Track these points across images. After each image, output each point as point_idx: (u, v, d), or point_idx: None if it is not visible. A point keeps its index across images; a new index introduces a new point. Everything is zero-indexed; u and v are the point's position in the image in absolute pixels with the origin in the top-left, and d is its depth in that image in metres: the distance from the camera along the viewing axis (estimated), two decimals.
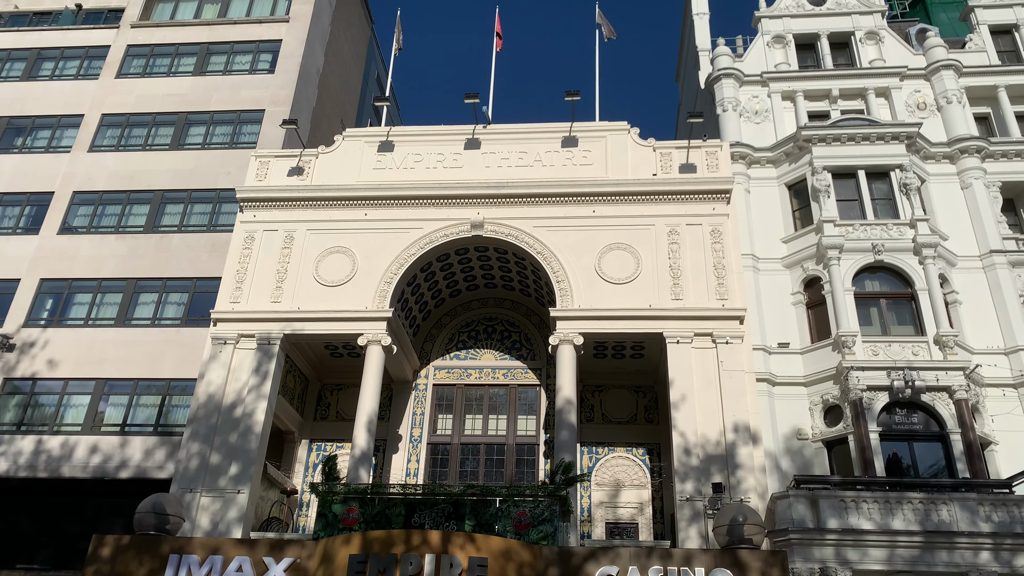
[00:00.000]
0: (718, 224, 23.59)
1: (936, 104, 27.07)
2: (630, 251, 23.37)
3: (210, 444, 21.36)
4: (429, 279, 25.50)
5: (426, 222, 24.37)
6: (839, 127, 25.34)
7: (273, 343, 22.70)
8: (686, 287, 22.65)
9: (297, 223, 24.83)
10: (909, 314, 22.66)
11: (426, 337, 26.91)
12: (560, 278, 23.06)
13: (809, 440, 21.90)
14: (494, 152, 25.66)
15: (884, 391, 21.23)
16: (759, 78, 28.26)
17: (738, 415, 20.53)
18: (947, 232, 24.20)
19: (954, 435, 20.60)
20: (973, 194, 24.92)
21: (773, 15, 29.95)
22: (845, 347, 21.80)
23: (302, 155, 26.14)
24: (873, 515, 18.37)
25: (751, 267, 24.18)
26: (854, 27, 29.26)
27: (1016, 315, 22.84)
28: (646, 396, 25.07)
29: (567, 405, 21.29)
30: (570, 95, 25.16)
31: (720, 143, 25.34)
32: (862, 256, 23.22)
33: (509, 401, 25.42)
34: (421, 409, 25.47)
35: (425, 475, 24.28)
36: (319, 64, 33.07)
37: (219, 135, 29.57)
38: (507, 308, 27.21)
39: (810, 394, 22.32)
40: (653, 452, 24.07)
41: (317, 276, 23.85)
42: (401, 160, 25.81)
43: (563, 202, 24.29)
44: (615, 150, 25.23)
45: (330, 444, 25.24)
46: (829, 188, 24.43)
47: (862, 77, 27.78)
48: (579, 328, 22.27)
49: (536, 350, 26.23)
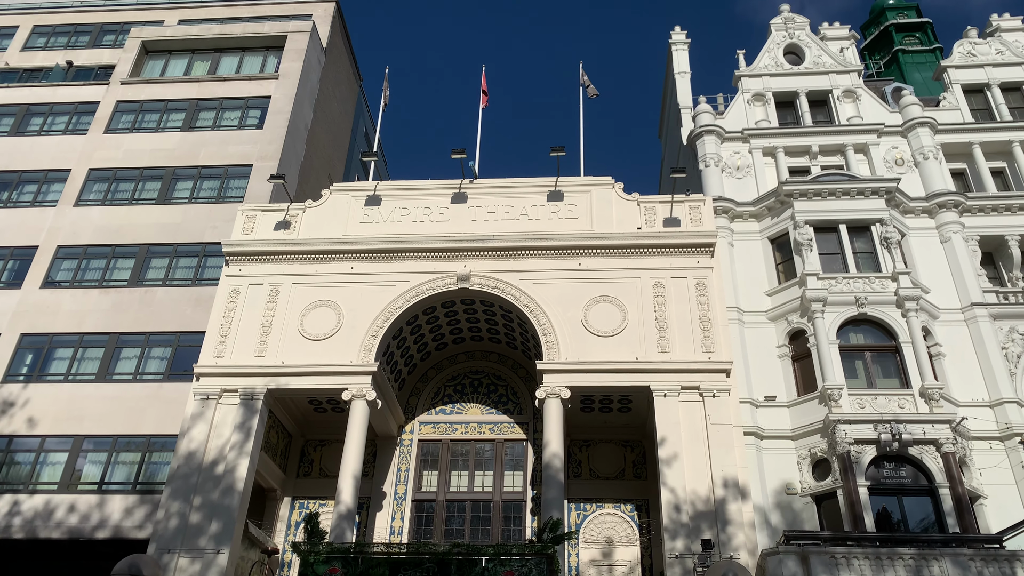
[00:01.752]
0: (703, 277, 23.76)
1: (913, 160, 27.66)
2: (616, 304, 23.44)
3: (190, 502, 20.88)
4: (415, 332, 25.40)
5: (413, 275, 24.40)
6: (819, 182, 25.79)
7: (256, 398, 22.42)
8: (672, 340, 22.69)
9: (283, 276, 24.78)
10: (894, 367, 22.74)
11: (411, 391, 26.67)
12: (547, 331, 23.05)
13: (798, 495, 21.71)
14: (481, 206, 25.89)
15: (871, 444, 21.15)
16: (740, 134, 28.83)
17: (727, 470, 20.36)
18: (928, 285, 24.47)
19: (943, 489, 20.48)
20: (952, 248, 25.30)
21: (752, 74, 30.72)
22: (831, 400, 21.79)
23: (289, 209, 26.24)
24: (864, 571, 18.11)
25: (736, 320, 24.28)
26: (832, 86, 30.03)
27: (999, 368, 22.97)
28: (634, 451, 24.85)
29: (554, 460, 21.05)
30: (555, 150, 25.54)
31: (703, 197, 25.70)
32: (846, 309, 23.38)
33: (496, 457, 25.11)
34: (406, 465, 25.09)
35: (410, 533, 23.79)
36: (307, 120, 33.47)
37: (206, 189, 29.69)
38: (493, 361, 27.09)
39: (798, 448, 22.20)
40: (642, 508, 23.74)
41: (302, 330, 23.71)
42: (388, 214, 25.96)
43: (549, 255, 24.43)
44: (600, 204, 25.51)
45: (313, 501, 24.74)
46: (811, 242, 24.73)
47: (841, 134, 28.41)
48: (566, 381, 22.17)
49: (523, 404, 26.04)
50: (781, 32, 32.01)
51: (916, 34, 40.20)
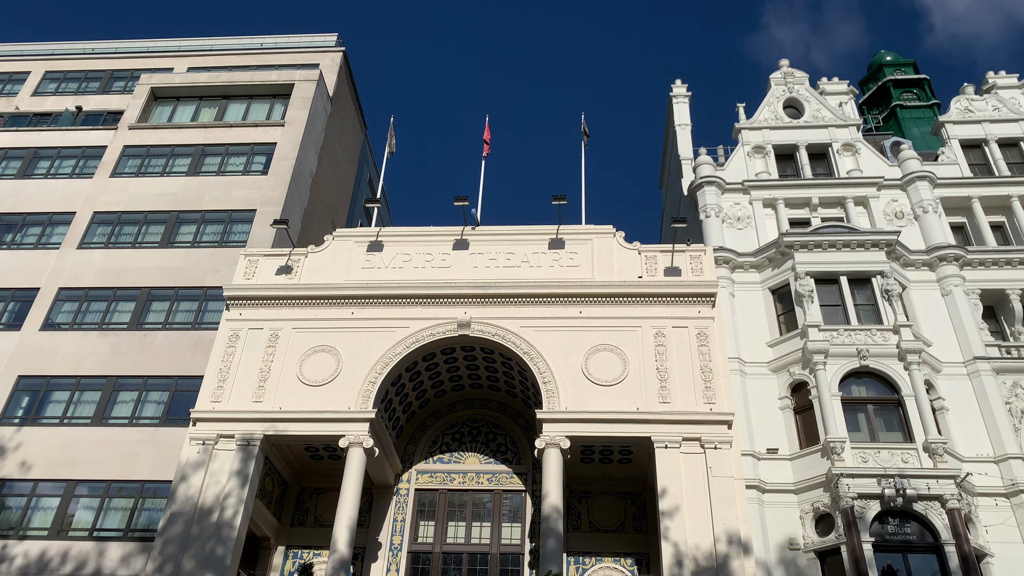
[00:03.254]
0: (704, 327, 23.68)
1: (913, 213, 27.82)
2: (617, 352, 23.33)
3: (183, 551, 20.48)
4: (414, 379, 25.24)
5: (413, 320, 24.34)
6: (820, 234, 25.90)
7: (253, 444, 22.16)
8: (673, 390, 22.51)
9: (283, 321, 24.73)
10: (897, 420, 22.52)
11: (409, 439, 26.39)
12: (547, 379, 22.89)
13: (801, 550, 21.30)
14: (482, 253, 25.96)
15: (875, 499, 20.82)
16: (740, 186, 29.06)
17: (729, 524, 20.01)
18: (930, 338, 24.38)
19: (949, 546, 20.09)
20: (954, 301, 25.28)
21: (753, 127, 31.10)
22: (834, 453, 21.52)
23: (291, 254, 26.32)
24: None
25: (738, 371, 24.13)
26: (831, 139, 30.37)
27: (1004, 422, 22.74)
28: (634, 503, 24.45)
29: (553, 513, 20.70)
30: (557, 199, 25.71)
31: (704, 247, 25.78)
32: (847, 361, 23.25)
33: (494, 507, 24.71)
34: (402, 515, 24.67)
35: None
36: (312, 167, 33.80)
37: (209, 234, 29.82)
38: (493, 409, 26.85)
39: (800, 502, 21.85)
40: (642, 563, 23.27)
41: (301, 375, 23.56)
42: (390, 260, 26.03)
43: (550, 302, 24.40)
44: (601, 252, 25.58)
45: (307, 551, 24.27)
46: (812, 293, 24.72)
47: (841, 187, 28.63)
48: (566, 431, 21.93)
49: (522, 454, 25.72)
50: (781, 86, 32.50)
51: (914, 90, 40.77)
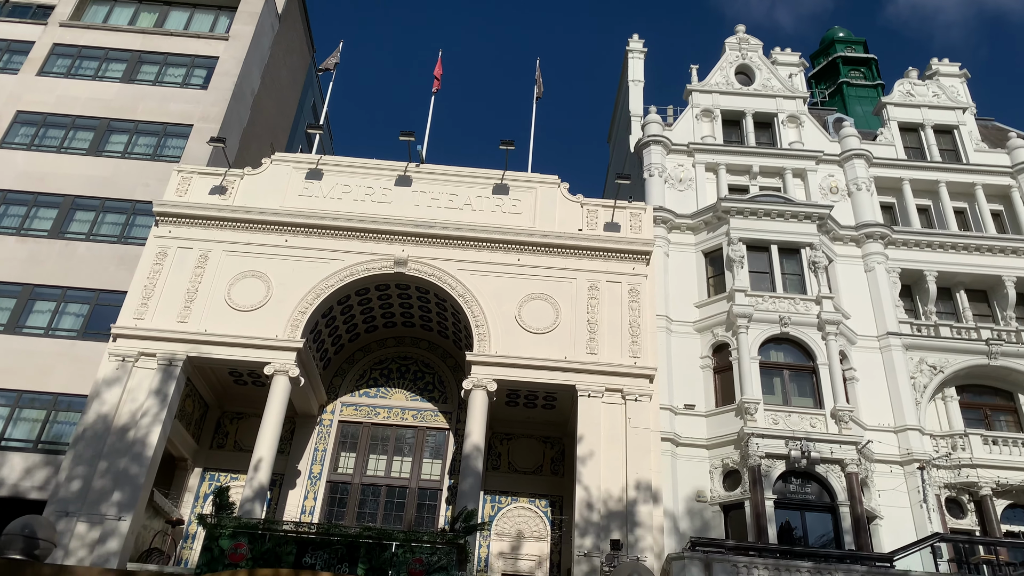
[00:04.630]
0: (636, 284, 24.12)
1: (847, 189, 28.64)
2: (551, 302, 23.60)
3: (95, 467, 20.16)
4: (346, 312, 25.08)
5: (348, 254, 24.07)
6: (757, 202, 26.47)
7: (175, 365, 21.78)
8: (601, 342, 22.97)
9: (214, 243, 24.13)
10: (809, 386, 23.55)
11: (336, 372, 26.33)
12: (480, 323, 23.05)
13: (708, 503, 22.29)
14: (424, 191, 25.69)
15: (781, 459, 21.87)
16: (686, 148, 29.36)
17: (641, 473, 20.76)
18: (849, 311, 25.41)
19: (844, 507, 21.33)
20: (875, 277, 26.32)
21: (704, 90, 31.30)
22: (748, 414, 22.44)
23: (227, 174, 25.56)
24: None
25: (664, 328, 24.74)
26: (778, 109, 30.83)
27: (907, 396, 24.03)
28: (554, 447, 25.10)
29: (475, 452, 21.09)
30: (505, 144, 25.53)
31: (644, 206, 26.08)
32: (769, 327, 24.08)
33: (416, 444, 25.02)
34: (324, 446, 24.77)
35: (322, 514, 23.51)
36: (255, 86, 32.61)
37: (142, 145, 28.66)
38: (423, 348, 26.96)
39: (711, 457, 22.81)
40: (556, 505, 24.01)
41: (229, 299, 23.14)
42: (329, 190, 25.53)
43: (489, 248, 24.42)
44: (544, 202, 25.62)
45: (224, 474, 24.22)
46: (743, 259, 25.38)
47: (782, 157, 29.20)
48: (494, 374, 22.22)
49: (449, 393, 26.00)
50: (735, 52, 32.69)
51: (861, 69, 41.60)
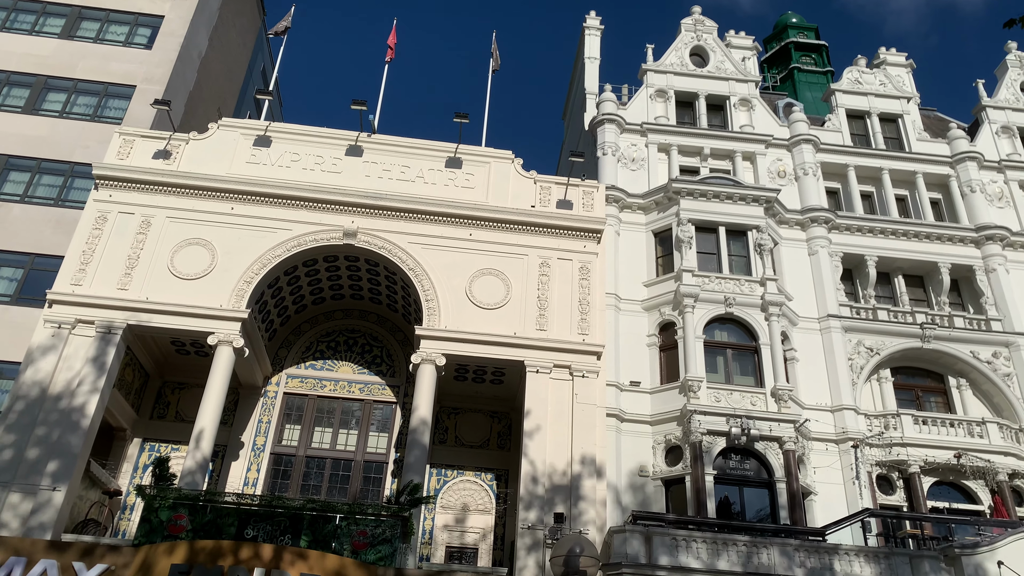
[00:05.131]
0: (587, 262, 24.28)
1: (794, 174, 29.19)
2: (501, 278, 23.61)
3: (28, 436, 19.56)
4: (293, 283, 24.70)
5: (296, 224, 23.66)
6: (707, 184, 26.81)
7: (115, 333, 21.20)
8: (551, 319, 23.11)
9: (157, 209, 23.46)
10: (751, 366, 24.11)
11: (282, 343, 25.97)
12: (430, 297, 22.95)
13: (650, 478, 22.74)
14: (376, 162, 25.34)
15: (722, 436, 22.40)
16: (639, 128, 29.52)
17: (586, 448, 21.05)
18: (792, 293, 26.01)
19: (780, 483, 21.99)
20: (818, 260, 26.97)
21: (659, 70, 31.43)
22: (691, 391, 22.89)
23: (171, 138, 24.81)
24: (701, 555, 19.18)
25: (613, 306, 24.99)
26: (730, 92, 31.17)
27: (844, 377, 24.78)
28: (501, 422, 25.26)
29: (421, 425, 21.10)
30: (459, 117, 25.30)
31: (597, 184, 26.19)
32: (714, 307, 24.53)
33: (363, 417, 24.91)
34: (268, 417, 24.49)
35: (265, 486, 23.31)
36: (202, 48, 31.63)
37: (81, 105, 27.62)
38: (371, 322, 26.75)
39: (655, 433, 23.24)
40: (501, 478, 24.22)
41: (172, 267, 22.57)
42: (277, 157, 25.00)
43: (441, 222, 24.26)
44: (497, 177, 25.52)
45: (165, 445, 23.78)
46: (691, 240, 25.73)
47: (732, 140, 29.58)
48: (443, 349, 22.20)
49: (397, 367, 25.90)
50: (690, 33, 32.87)
51: (812, 55, 42.28)
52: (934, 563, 19.03)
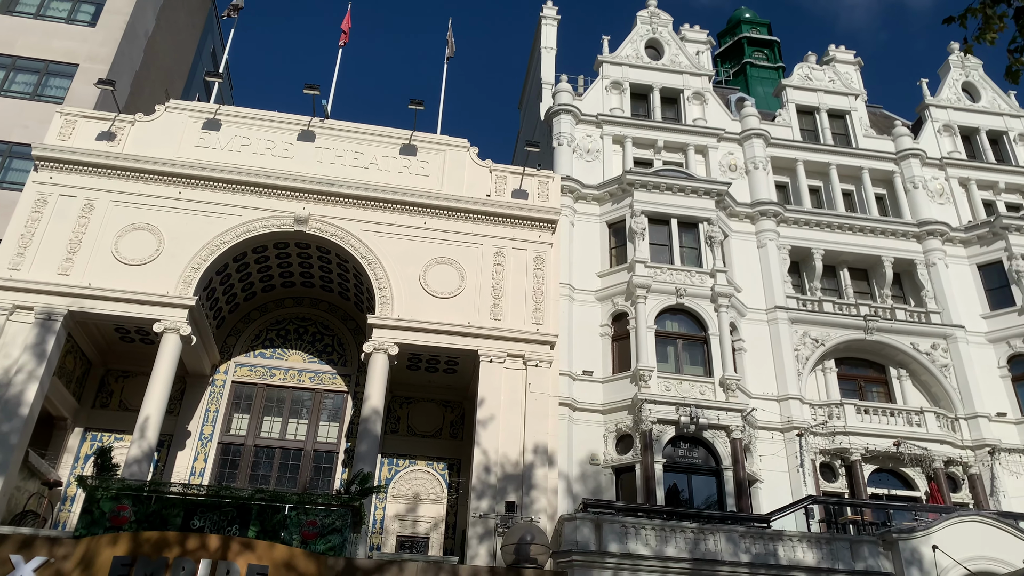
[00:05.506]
0: (542, 252, 24.33)
1: (745, 168, 29.67)
2: (456, 267, 23.53)
3: None
4: (242, 270, 24.25)
5: (246, 210, 23.20)
6: (660, 176, 27.09)
7: (55, 319, 20.55)
8: (505, 308, 23.12)
9: (100, 192, 22.76)
10: (701, 356, 24.50)
11: (231, 331, 25.50)
12: (383, 285, 22.75)
13: (601, 466, 22.98)
14: (328, 148, 24.98)
15: (672, 425, 22.75)
16: (595, 119, 29.65)
17: (538, 437, 21.16)
18: (741, 284, 26.49)
19: (728, 471, 22.43)
20: (767, 253, 27.49)
21: (614, 62, 31.59)
22: (642, 381, 23.18)
23: (116, 120, 24.07)
24: (650, 541, 19.46)
25: (567, 296, 25.13)
26: (684, 86, 31.50)
27: (790, 367, 25.35)
28: (454, 411, 25.23)
29: (373, 415, 20.95)
30: (414, 104, 25.07)
31: (552, 175, 26.24)
32: (666, 298, 24.85)
33: (313, 406, 24.64)
34: (216, 406, 24.05)
35: (212, 476, 22.91)
36: (148, 27, 30.73)
37: (20, 83, 26.65)
38: (323, 310, 26.43)
39: (606, 422, 23.48)
40: (454, 468, 24.22)
41: (116, 252, 21.95)
42: (227, 141, 24.45)
43: (395, 209, 24.04)
44: (453, 166, 25.39)
45: (108, 435, 23.19)
46: (644, 231, 25.99)
47: (686, 133, 29.92)
48: (396, 338, 22.04)
49: (348, 356, 25.66)
50: (646, 25, 33.09)
51: (765, 50, 43.00)
52: (873, 548, 19.63)
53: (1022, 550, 19.37)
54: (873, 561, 19.36)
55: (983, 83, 34.40)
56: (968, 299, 27.97)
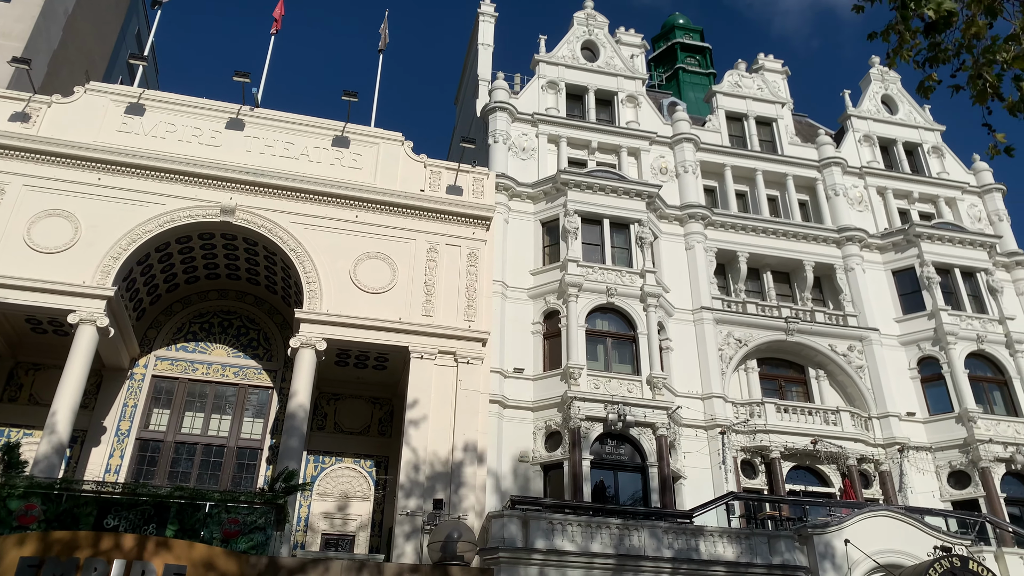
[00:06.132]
0: (476, 248, 24.31)
1: (676, 171, 30.28)
2: (388, 262, 23.29)
3: None
4: (164, 260, 23.46)
5: (170, 198, 22.45)
6: (593, 176, 27.39)
7: None
8: (437, 305, 23.02)
9: (12, 176, 21.69)
10: (629, 354, 24.90)
11: (151, 323, 24.66)
12: (311, 279, 22.35)
13: (530, 463, 23.12)
14: (258, 138, 24.39)
15: (600, 422, 23.05)
16: (530, 118, 29.78)
17: (468, 434, 21.14)
18: (669, 285, 27.03)
19: (653, 468, 22.87)
20: (694, 255, 28.13)
21: (551, 61, 31.78)
22: (572, 378, 23.41)
23: (31, 100, 22.97)
24: (576, 537, 19.69)
25: (500, 294, 25.18)
26: (618, 88, 31.93)
27: (714, 366, 26.00)
28: (382, 408, 24.99)
29: (300, 411, 20.57)
30: (348, 95, 24.71)
31: (488, 171, 26.24)
32: (597, 297, 25.16)
33: (237, 401, 24.03)
34: (134, 401, 23.22)
35: (129, 473, 22.12)
36: (69, 4, 29.40)
37: None
38: (249, 303, 25.80)
39: (536, 419, 23.64)
40: (382, 465, 24.00)
41: (28, 239, 20.94)
42: (151, 127, 23.61)
43: (326, 202, 23.64)
44: (386, 159, 25.11)
45: (16, 430, 22.13)
46: (577, 230, 26.26)
47: (619, 135, 30.34)
48: (325, 333, 21.68)
49: (274, 351, 25.12)
50: (582, 27, 33.39)
51: (697, 56, 43.94)
52: (789, 542, 20.32)
53: (927, 543, 20.36)
54: (789, 555, 20.04)
55: (901, 96, 35.95)
56: (883, 303, 29.21)
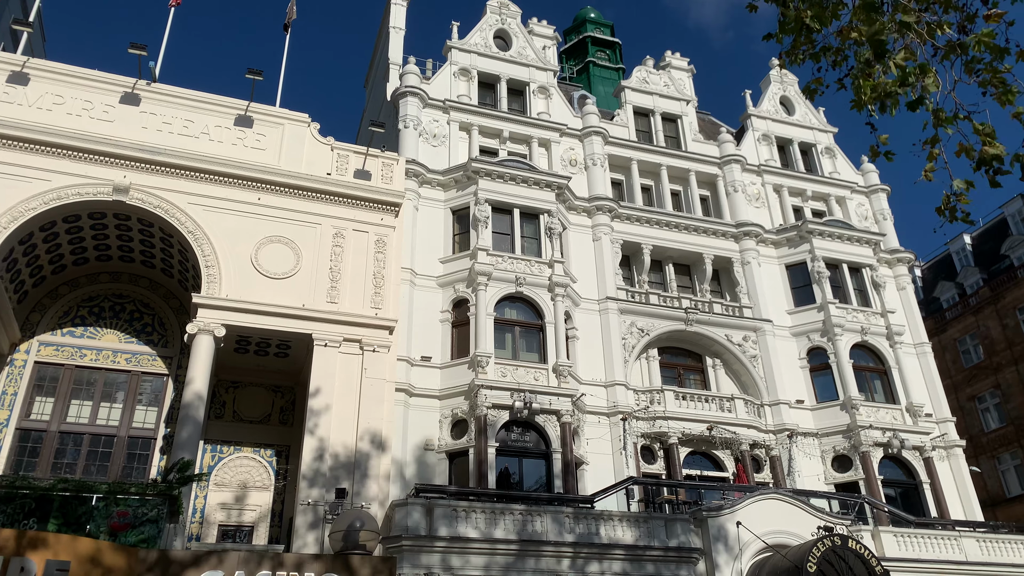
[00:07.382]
0: (384, 235, 24.01)
1: (585, 163, 30.73)
2: (292, 247, 22.72)
3: None
4: (50, 240, 22.12)
5: (57, 175, 21.17)
6: (504, 166, 27.49)
7: None
8: (343, 292, 22.63)
9: None
10: (537, 343, 25.19)
11: (35, 307, 23.24)
12: (210, 263, 21.55)
13: (436, 451, 23.10)
14: (155, 114, 23.28)
15: (506, 410, 23.25)
16: (442, 104, 29.57)
17: (373, 423, 20.93)
18: (577, 275, 27.47)
19: (556, 454, 23.25)
20: (601, 246, 28.67)
21: (463, 48, 31.62)
22: (479, 367, 23.49)
23: None
24: (479, 524, 19.84)
25: (409, 281, 24.97)
26: (530, 79, 32.09)
27: (618, 355, 26.62)
28: (284, 396, 24.42)
29: (196, 400, 19.86)
30: (252, 73, 23.93)
31: (397, 157, 25.92)
32: (506, 286, 25.31)
33: (129, 389, 22.97)
34: (14, 388, 21.85)
35: (8, 465, 20.84)
36: None
37: None
38: (143, 287, 24.67)
39: (442, 407, 23.62)
40: (282, 454, 23.47)
41: None
42: (37, 98, 22.17)
43: (226, 183, 22.83)
44: (292, 141, 24.45)
45: None
46: (488, 220, 26.31)
47: (530, 126, 30.52)
48: (224, 319, 20.97)
49: (170, 337, 24.13)
50: (495, 15, 33.35)
51: (607, 51, 44.60)
52: (685, 525, 21.09)
53: (812, 524, 21.56)
54: (685, 538, 20.81)
55: (798, 98, 37.57)
56: (776, 296, 30.58)
